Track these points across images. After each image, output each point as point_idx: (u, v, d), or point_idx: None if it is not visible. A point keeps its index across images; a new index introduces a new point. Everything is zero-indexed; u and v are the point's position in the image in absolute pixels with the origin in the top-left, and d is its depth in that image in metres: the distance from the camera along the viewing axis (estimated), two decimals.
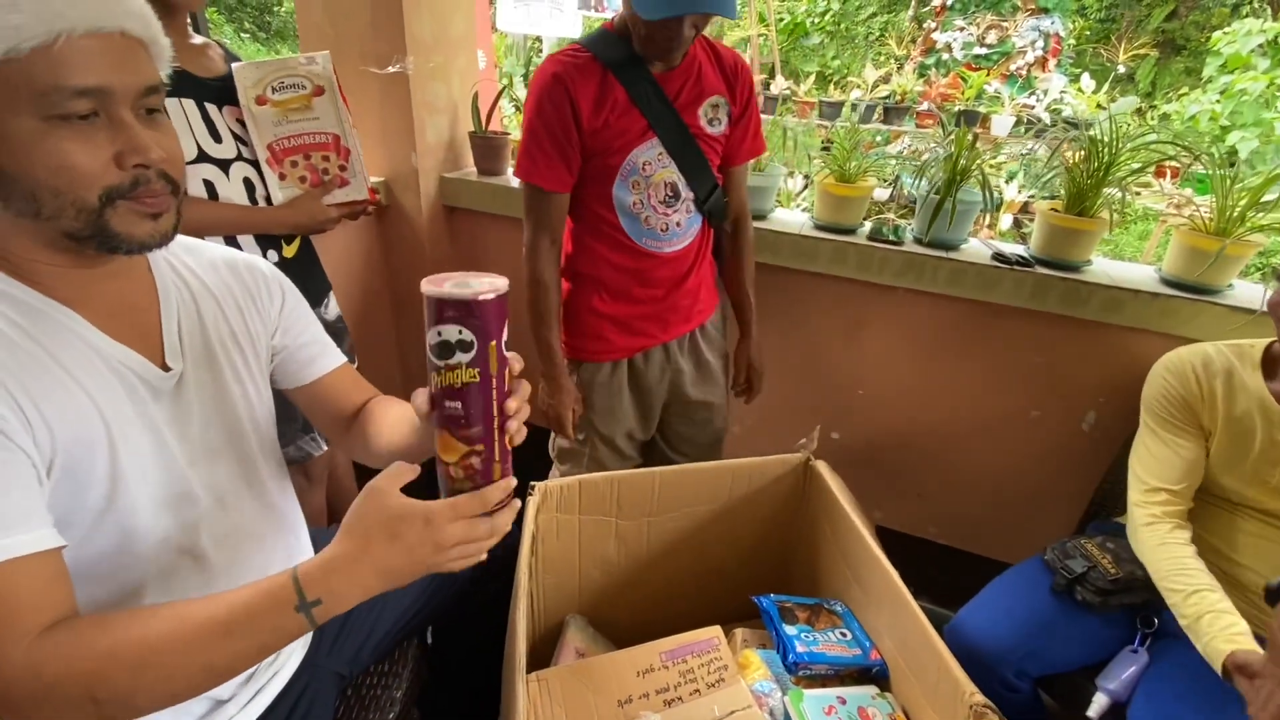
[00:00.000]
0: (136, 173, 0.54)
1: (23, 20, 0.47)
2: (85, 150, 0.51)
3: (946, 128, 1.39)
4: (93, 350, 0.58)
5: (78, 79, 0.50)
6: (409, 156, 1.65)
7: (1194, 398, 1.02)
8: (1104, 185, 1.24)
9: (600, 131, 1.08)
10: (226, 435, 0.70)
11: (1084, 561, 1.02)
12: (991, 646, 1.00)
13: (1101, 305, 1.27)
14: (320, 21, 1.56)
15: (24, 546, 0.49)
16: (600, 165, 1.12)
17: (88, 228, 0.53)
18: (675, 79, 1.10)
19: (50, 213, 0.52)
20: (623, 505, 1.10)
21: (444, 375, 0.55)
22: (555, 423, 1.28)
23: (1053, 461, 1.33)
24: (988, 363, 1.44)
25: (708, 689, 0.88)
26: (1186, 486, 1.02)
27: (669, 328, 1.27)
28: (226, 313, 0.72)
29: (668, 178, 1.14)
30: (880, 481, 1.66)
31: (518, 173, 1.14)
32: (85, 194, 0.52)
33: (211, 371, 0.69)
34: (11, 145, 0.49)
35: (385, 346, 1.95)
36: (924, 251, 1.38)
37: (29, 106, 0.49)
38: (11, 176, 0.50)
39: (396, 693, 0.89)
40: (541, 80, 1.07)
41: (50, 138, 0.50)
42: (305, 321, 0.82)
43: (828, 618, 1.05)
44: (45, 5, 0.48)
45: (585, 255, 1.22)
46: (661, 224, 1.16)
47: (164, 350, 0.64)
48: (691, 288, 1.25)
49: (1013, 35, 5.41)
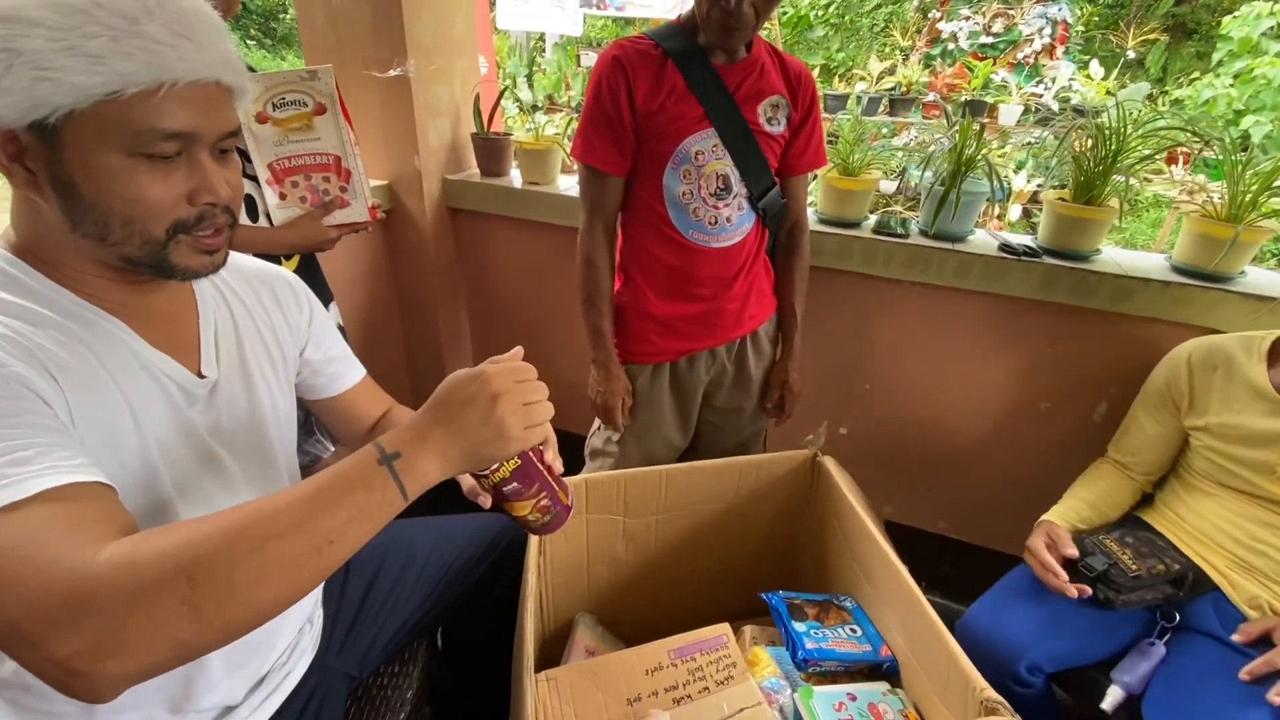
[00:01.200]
0: (204, 209, 0.57)
1: (133, 69, 0.49)
2: (163, 187, 0.54)
3: (951, 118, 1.37)
4: (136, 358, 0.60)
5: (171, 124, 0.52)
6: (412, 159, 1.66)
7: (1176, 389, 1.09)
8: (1112, 173, 1.22)
9: (655, 114, 1.08)
10: (253, 441, 0.72)
11: (1104, 559, 1.00)
12: (1004, 642, 0.99)
13: (1111, 295, 1.26)
14: (322, 27, 1.57)
15: (88, 475, 0.49)
16: (652, 150, 1.11)
17: (148, 257, 0.56)
18: (737, 72, 1.10)
19: (117, 239, 0.54)
20: (630, 504, 1.10)
21: (492, 477, 0.63)
22: (604, 411, 1.25)
23: (1065, 454, 1.31)
24: (997, 355, 1.43)
25: (717, 687, 0.88)
26: (1135, 461, 1.15)
27: (715, 333, 1.23)
28: (258, 324, 0.74)
29: (720, 170, 1.12)
30: (889, 476, 1.65)
31: (574, 153, 1.15)
32: (154, 227, 0.55)
33: (243, 379, 0.71)
34: (95, 176, 0.52)
35: (393, 349, 1.96)
36: (930, 244, 1.37)
37: (120, 143, 0.51)
38: (88, 204, 0.53)
39: (407, 693, 0.89)
40: (601, 63, 1.09)
41: (133, 173, 0.52)
42: (332, 336, 0.85)
43: (837, 614, 1.05)
44: (156, 56, 0.50)
45: (632, 249, 1.21)
46: (710, 217, 1.14)
47: (200, 358, 0.67)
48: (740, 291, 1.21)
49: (1019, 23, 5.35)
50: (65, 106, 0.48)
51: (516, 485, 0.64)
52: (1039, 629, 0.99)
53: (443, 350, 1.91)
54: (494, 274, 1.88)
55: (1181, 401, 1.08)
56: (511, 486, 0.64)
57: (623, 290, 1.23)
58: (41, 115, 0.48)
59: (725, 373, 1.29)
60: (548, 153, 1.68)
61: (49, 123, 0.49)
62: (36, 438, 0.48)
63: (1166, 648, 0.99)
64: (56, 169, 0.51)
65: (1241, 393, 1.01)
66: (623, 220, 1.21)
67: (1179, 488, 1.11)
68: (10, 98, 0.48)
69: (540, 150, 1.67)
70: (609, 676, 0.87)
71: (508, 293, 1.89)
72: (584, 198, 1.17)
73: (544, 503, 0.68)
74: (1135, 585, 0.98)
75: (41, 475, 0.46)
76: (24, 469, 0.46)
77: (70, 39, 0.47)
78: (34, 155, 0.51)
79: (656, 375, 1.26)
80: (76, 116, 0.49)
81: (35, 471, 0.46)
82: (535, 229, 1.74)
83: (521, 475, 0.64)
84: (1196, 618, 1.00)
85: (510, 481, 0.64)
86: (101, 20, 0.48)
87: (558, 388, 2.17)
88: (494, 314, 1.95)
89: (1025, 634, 0.99)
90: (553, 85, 4.01)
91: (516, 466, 0.63)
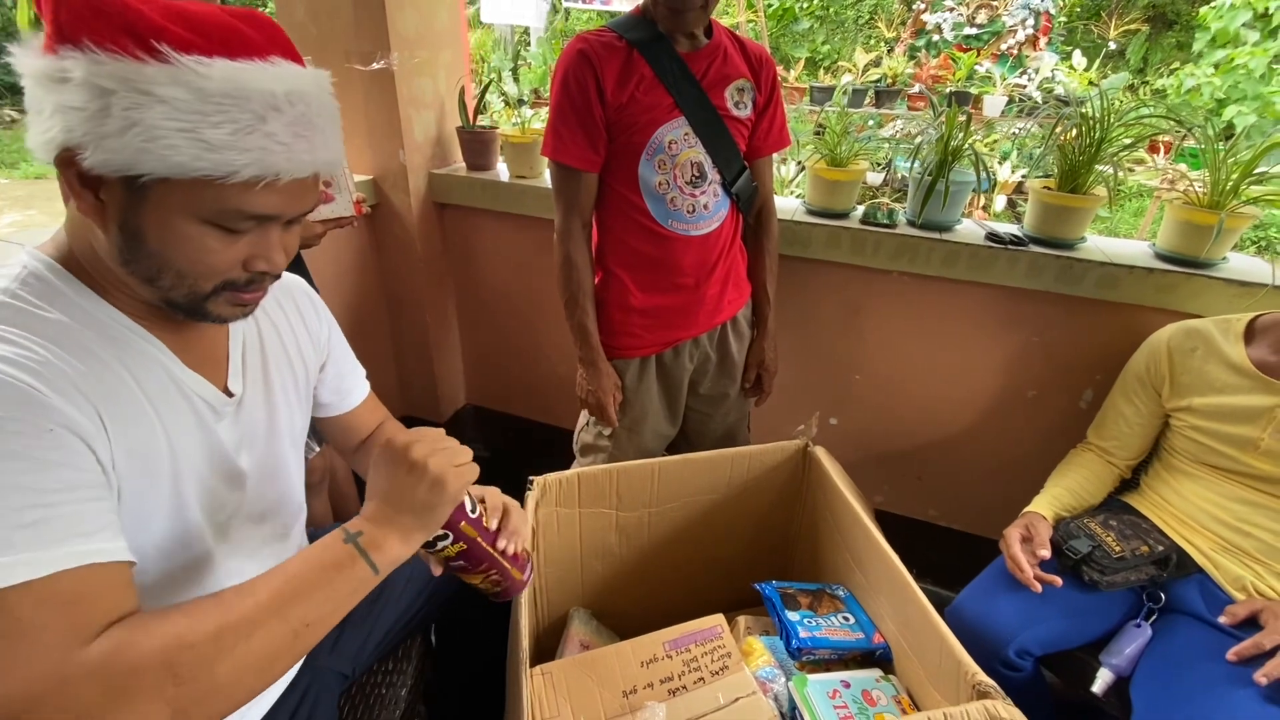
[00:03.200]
0: (254, 275, 0.58)
1: (244, 163, 0.50)
2: (226, 253, 0.55)
3: (937, 108, 1.38)
4: (171, 379, 0.60)
5: (259, 209, 0.54)
6: (397, 154, 1.64)
7: (1156, 373, 1.11)
8: (1096, 161, 1.23)
9: (626, 106, 1.07)
10: (269, 456, 0.73)
11: (1088, 541, 1.02)
12: (993, 627, 1.00)
13: (1096, 282, 1.27)
14: (303, 20, 1.55)
15: (105, 554, 0.49)
16: (625, 143, 1.10)
17: (187, 303, 0.57)
18: (701, 59, 1.10)
19: (165, 285, 0.55)
20: (622, 497, 1.10)
21: (439, 554, 0.70)
22: (596, 409, 1.25)
23: (1051, 440, 1.33)
24: (984, 343, 1.44)
25: (712, 677, 0.88)
26: (1116, 446, 1.17)
27: (698, 320, 1.23)
28: (283, 339, 0.75)
29: (694, 157, 1.12)
30: (880, 465, 1.66)
31: (545, 151, 1.13)
32: (205, 283, 0.56)
33: (265, 395, 0.71)
34: (166, 233, 0.52)
35: (381, 345, 1.94)
36: (917, 234, 1.38)
37: (201, 213, 0.52)
38: (150, 252, 0.53)
39: (401, 690, 0.89)
40: (566, 58, 1.07)
41: (204, 238, 0.53)
42: (343, 348, 0.86)
43: (830, 603, 1.05)
44: (270, 155, 0.51)
45: (611, 243, 1.20)
46: (688, 205, 1.14)
47: (228, 374, 0.67)
48: (720, 276, 1.22)
49: (1003, 14, 5.38)
50: (161, 175, 0.49)
51: (463, 563, 0.72)
52: (1026, 613, 1.00)
53: (431, 346, 1.90)
54: (481, 269, 1.87)
55: (1162, 385, 1.10)
56: (458, 564, 0.72)
57: (602, 285, 1.23)
58: (135, 174, 0.49)
59: (709, 360, 1.30)
60: (534, 146, 1.66)
61: (140, 181, 0.49)
62: (68, 494, 0.48)
63: (1153, 629, 1.00)
64: (130, 215, 0.51)
65: (1220, 372, 1.03)
66: (597, 215, 1.20)
67: (1162, 470, 1.13)
68: (113, 156, 0.48)
69: (526, 144, 1.66)
70: (604, 669, 0.87)
71: (495, 287, 1.88)
72: (559, 196, 1.15)
73: (494, 576, 0.75)
74: (1119, 566, 1.00)
75: (62, 546, 0.47)
76: (46, 536, 0.46)
77: (192, 122, 0.48)
78: (111, 194, 0.51)
79: (644, 368, 1.26)
80: (169, 183, 0.50)
81: (58, 539, 0.47)
82: (523, 223, 1.72)
83: (468, 555, 0.71)
84: (1182, 600, 1.02)
85: (457, 559, 0.71)
86: (231, 114, 0.49)
87: (546, 383, 2.16)
88: (482, 309, 1.94)
89: (1013, 618, 1.00)
90: (538, 79, 3.98)
91: (462, 549, 0.70)
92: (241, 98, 0.49)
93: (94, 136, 0.47)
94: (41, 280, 0.54)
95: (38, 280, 0.54)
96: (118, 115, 0.47)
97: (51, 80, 0.47)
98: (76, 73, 0.46)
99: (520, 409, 2.06)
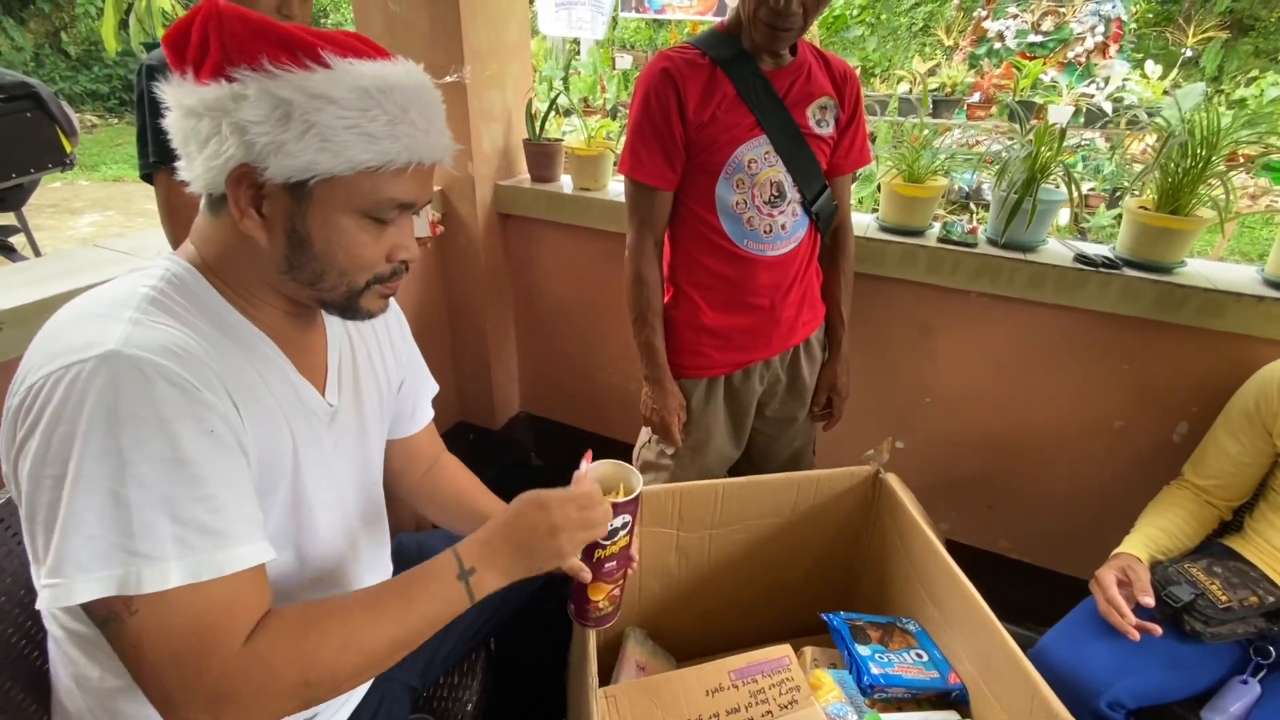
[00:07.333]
0: (397, 266, 0.63)
1: (398, 150, 0.56)
2: (376, 245, 0.60)
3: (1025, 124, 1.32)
4: (289, 383, 0.64)
5: (406, 196, 0.59)
6: (465, 165, 1.67)
7: (1267, 410, 1.03)
8: (1200, 182, 1.16)
9: (706, 125, 1.06)
10: (360, 468, 0.75)
11: (1190, 588, 0.95)
12: (1084, 675, 0.94)
13: (1198, 309, 1.19)
14: (380, 34, 1.59)
15: (248, 559, 0.53)
16: (704, 161, 1.09)
17: (343, 300, 0.62)
18: (784, 77, 1.08)
19: (327, 286, 0.60)
20: (684, 517, 1.08)
21: (609, 548, 0.72)
22: (660, 429, 1.23)
23: (1140, 474, 1.25)
24: (1067, 369, 1.37)
25: (780, 710, 0.85)
26: (1216, 485, 1.09)
27: (771, 342, 1.21)
28: (371, 354, 0.77)
29: (773, 176, 1.10)
30: (947, 492, 1.59)
31: (621, 169, 1.12)
32: (360, 278, 0.60)
33: (356, 408, 0.74)
34: (330, 232, 0.57)
35: (440, 352, 1.97)
36: (1000, 254, 1.32)
37: (359, 207, 0.57)
38: (315, 254, 0.58)
39: (467, 705, 0.89)
40: (649, 76, 1.07)
41: (360, 232, 0.58)
42: (421, 367, 0.88)
43: (901, 638, 1.01)
44: (414, 141, 0.57)
45: (684, 261, 1.18)
46: (765, 225, 1.12)
47: (326, 385, 0.70)
48: (796, 298, 1.19)
49: (1070, 21, 5.17)
50: (330, 173, 0.53)
51: (614, 565, 0.74)
52: (1121, 662, 0.94)
53: (489, 353, 1.92)
54: (542, 279, 1.88)
55: (1274, 423, 1.02)
56: (611, 564, 0.74)
57: (673, 304, 1.21)
58: (306, 177, 0.53)
59: (779, 382, 1.26)
60: (599, 158, 1.67)
61: (308, 184, 0.54)
62: (231, 494, 0.53)
63: (1262, 687, 0.92)
64: (296, 221, 0.56)
65: None
66: (670, 233, 1.18)
67: (1269, 513, 1.05)
68: (291, 160, 0.52)
69: (592, 155, 1.66)
70: (669, 696, 0.85)
71: (555, 298, 1.89)
72: (632, 214, 1.14)
73: (615, 593, 0.77)
74: (1226, 618, 0.93)
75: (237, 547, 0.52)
76: (221, 537, 0.51)
77: (356, 119, 0.53)
78: (276, 205, 0.55)
79: (711, 389, 1.23)
80: (334, 181, 0.54)
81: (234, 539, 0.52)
82: (584, 234, 1.73)
83: (620, 556, 0.74)
84: None
85: (613, 559, 0.73)
86: (384, 107, 0.54)
87: (604, 394, 2.15)
88: (539, 318, 1.95)
89: (1106, 667, 0.94)
90: (588, 88, 4.01)
91: (624, 546, 0.73)
92: (389, 91, 0.55)
93: (275, 145, 0.52)
94: (182, 282, 0.58)
95: (180, 281, 0.58)
96: (298, 120, 0.51)
97: (227, 102, 0.51)
98: (252, 89, 0.51)
99: (573, 418, 2.06)
